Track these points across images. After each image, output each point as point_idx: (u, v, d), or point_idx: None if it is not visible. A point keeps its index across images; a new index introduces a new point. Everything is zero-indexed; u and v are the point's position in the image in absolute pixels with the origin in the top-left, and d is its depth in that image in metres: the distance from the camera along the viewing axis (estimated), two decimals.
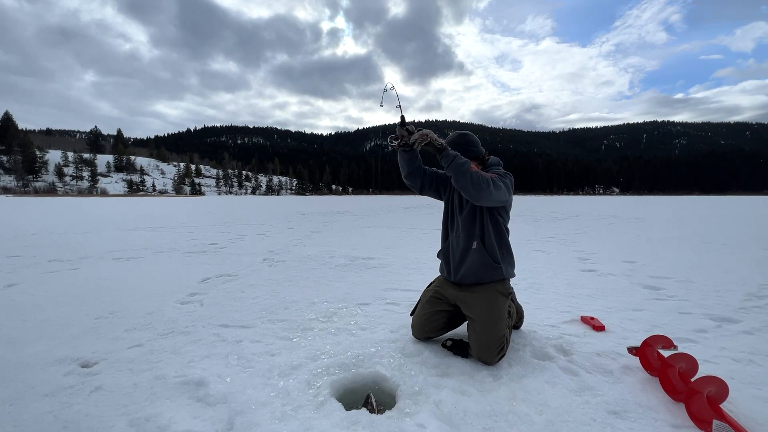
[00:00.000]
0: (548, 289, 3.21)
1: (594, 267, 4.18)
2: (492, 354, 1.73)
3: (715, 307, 2.71)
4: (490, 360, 1.73)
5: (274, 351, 1.94)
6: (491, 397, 1.50)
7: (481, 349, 1.75)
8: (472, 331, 1.83)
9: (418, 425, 1.32)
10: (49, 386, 1.61)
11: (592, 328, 2.26)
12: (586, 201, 34.12)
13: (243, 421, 1.36)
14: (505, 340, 1.80)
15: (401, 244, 6.00)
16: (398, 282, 3.48)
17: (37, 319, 2.45)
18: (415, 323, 2.07)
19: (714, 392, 1.39)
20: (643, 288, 3.28)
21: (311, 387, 1.58)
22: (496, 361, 1.75)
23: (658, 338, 1.75)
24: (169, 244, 5.88)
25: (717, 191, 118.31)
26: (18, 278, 3.58)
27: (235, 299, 2.91)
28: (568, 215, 13.39)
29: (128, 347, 2.01)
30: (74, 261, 4.45)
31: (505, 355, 1.81)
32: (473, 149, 1.99)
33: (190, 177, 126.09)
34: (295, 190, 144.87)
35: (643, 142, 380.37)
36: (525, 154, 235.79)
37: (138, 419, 1.38)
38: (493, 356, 1.73)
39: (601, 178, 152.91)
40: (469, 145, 2.00)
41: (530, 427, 1.33)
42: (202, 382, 1.63)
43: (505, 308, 1.89)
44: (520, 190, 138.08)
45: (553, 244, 6.03)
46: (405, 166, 2.02)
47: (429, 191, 2.13)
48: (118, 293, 3.07)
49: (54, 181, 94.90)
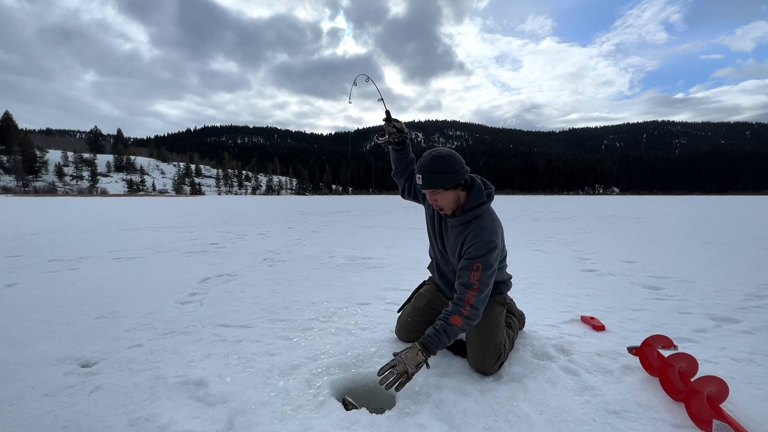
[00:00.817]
0: (548, 289, 3.21)
1: (594, 267, 4.18)
2: (489, 363, 1.67)
3: (715, 307, 2.71)
4: (488, 369, 1.67)
5: (274, 351, 1.94)
6: (491, 397, 1.50)
7: (477, 357, 1.69)
8: (468, 342, 1.77)
9: (418, 425, 1.32)
10: (49, 386, 1.61)
11: (592, 328, 2.26)
12: (586, 201, 34.11)
13: (243, 421, 1.36)
14: (503, 348, 1.73)
15: (401, 244, 6.00)
16: (398, 282, 3.48)
17: (37, 319, 2.45)
18: (402, 327, 2.00)
19: (714, 392, 1.39)
20: (643, 288, 3.28)
21: (311, 387, 1.58)
22: (494, 370, 1.68)
23: (658, 338, 1.75)
24: (169, 244, 5.88)
25: (717, 191, 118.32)
26: (18, 278, 3.58)
27: (235, 299, 2.91)
28: (568, 215, 13.39)
29: (128, 347, 2.01)
30: (74, 261, 4.45)
31: (503, 364, 1.73)
32: (449, 177, 1.58)
33: (190, 177, 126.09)
34: (295, 190, 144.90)
35: (643, 142, 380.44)
36: (525, 154, 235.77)
37: (138, 419, 1.38)
38: (490, 365, 1.67)
39: (601, 178, 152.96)
40: (445, 172, 1.57)
41: (530, 427, 1.33)
42: (202, 382, 1.63)
43: (503, 317, 1.84)
44: (521, 190, 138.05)
45: (553, 244, 6.03)
46: (392, 165, 1.92)
47: (409, 197, 2.01)
48: (118, 293, 3.07)
49: (54, 181, 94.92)
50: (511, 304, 2.07)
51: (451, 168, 1.58)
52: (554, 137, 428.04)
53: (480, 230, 1.65)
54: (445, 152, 1.62)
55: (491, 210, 1.76)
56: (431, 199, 1.69)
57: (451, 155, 1.62)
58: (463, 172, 1.62)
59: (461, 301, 1.59)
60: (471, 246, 1.64)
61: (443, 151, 1.62)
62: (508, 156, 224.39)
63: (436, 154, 1.61)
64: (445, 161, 1.58)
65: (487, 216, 1.71)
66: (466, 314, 1.56)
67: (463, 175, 1.62)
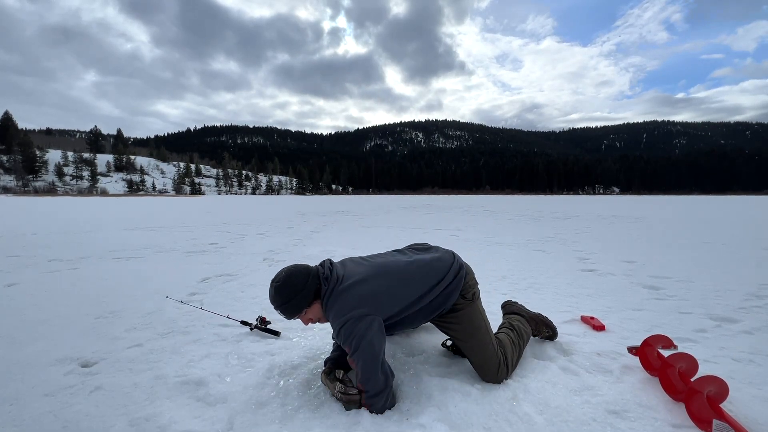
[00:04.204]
0: (548, 289, 3.21)
1: (594, 267, 4.18)
2: (489, 374, 1.60)
3: (715, 306, 2.71)
4: (490, 379, 1.60)
5: (274, 351, 1.94)
6: (491, 397, 1.50)
7: (477, 371, 1.64)
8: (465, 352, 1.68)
9: (419, 425, 1.32)
10: (49, 386, 1.61)
11: (592, 328, 2.26)
12: (586, 201, 34.11)
13: (243, 421, 1.36)
14: (502, 356, 1.63)
15: (401, 244, 5.99)
16: None
17: (37, 319, 2.45)
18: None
19: (714, 392, 1.39)
20: (643, 288, 3.28)
21: (311, 387, 1.58)
22: (499, 379, 1.60)
23: (658, 338, 1.75)
24: (169, 244, 5.88)
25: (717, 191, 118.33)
26: (18, 278, 3.58)
27: (235, 299, 2.91)
28: (568, 215, 13.39)
29: (128, 347, 2.01)
30: (74, 261, 4.45)
31: (512, 369, 1.66)
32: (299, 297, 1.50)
33: (190, 177, 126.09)
34: (294, 189, 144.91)
35: (643, 141, 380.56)
36: (525, 154, 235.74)
37: (138, 419, 1.38)
38: (492, 375, 1.60)
39: (601, 178, 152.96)
40: (292, 296, 1.49)
41: (530, 427, 1.33)
42: (202, 382, 1.63)
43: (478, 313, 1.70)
44: (521, 190, 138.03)
45: (553, 244, 6.03)
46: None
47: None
48: (118, 293, 3.07)
49: (54, 180, 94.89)
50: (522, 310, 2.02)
51: (294, 290, 1.50)
52: (554, 137, 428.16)
53: (333, 318, 1.51)
54: (283, 277, 1.52)
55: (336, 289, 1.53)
56: (305, 321, 1.60)
57: (289, 276, 1.52)
58: (310, 284, 1.51)
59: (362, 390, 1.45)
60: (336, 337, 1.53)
61: (281, 278, 1.52)
62: (508, 156, 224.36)
63: (276, 286, 1.52)
64: (285, 287, 1.50)
65: (333, 302, 1.51)
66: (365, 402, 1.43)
67: (312, 287, 1.51)
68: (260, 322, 2.21)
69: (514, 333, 1.83)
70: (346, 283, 1.54)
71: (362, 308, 1.47)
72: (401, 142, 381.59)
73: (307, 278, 1.52)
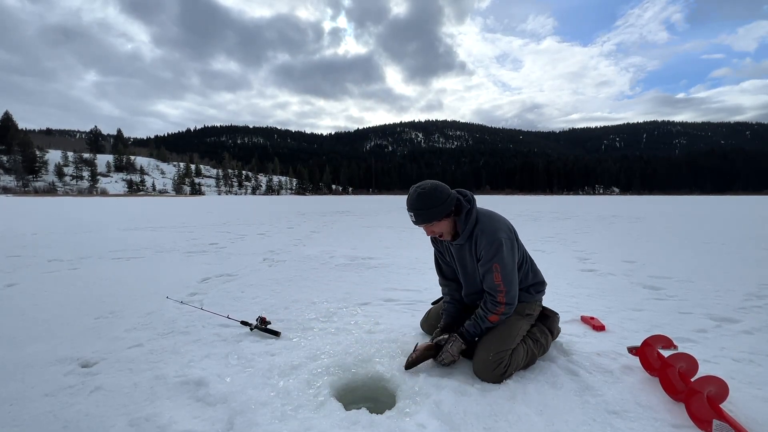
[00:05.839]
0: (548, 289, 3.18)
1: (594, 267, 4.18)
2: (487, 370, 1.61)
3: (715, 307, 2.71)
4: (485, 376, 1.61)
5: (274, 351, 1.94)
6: (491, 397, 1.50)
7: (477, 362, 1.65)
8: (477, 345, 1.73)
9: (418, 425, 1.32)
10: (49, 386, 1.61)
11: (592, 328, 2.26)
12: (586, 201, 34.11)
13: (243, 421, 1.36)
14: (510, 359, 1.64)
15: (401, 244, 6.01)
16: (398, 282, 3.48)
17: (37, 319, 2.45)
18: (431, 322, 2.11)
19: (714, 392, 1.39)
20: (643, 288, 3.28)
21: (311, 387, 1.58)
22: (493, 379, 1.60)
23: (658, 338, 1.75)
24: (169, 244, 5.88)
25: (717, 191, 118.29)
26: (18, 278, 3.58)
27: (235, 299, 2.91)
28: (568, 215, 13.39)
29: (128, 347, 2.01)
30: (74, 261, 4.45)
31: (505, 374, 1.62)
32: (438, 209, 1.65)
33: (190, 177, 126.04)
34: (295, 189, 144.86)
35: (643, 142, 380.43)
36: (525, 154, 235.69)
37: (138, 419, 1.38)
38: (488, 372, 1.61)
39: (601, 178, 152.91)
40: (434, 206, 1.64)
41: (530, 427, 1.33)
42: (202, 382, 1.63)
43: (518, 327, 1.77)
44: (521, 190, 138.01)
45: (554, 244, 6.03)
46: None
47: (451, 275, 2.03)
48: (118, 293, 3.07)
49: (54, 181, 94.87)
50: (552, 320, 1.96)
51: (437, 201, 1.64)
52: (554, 137, 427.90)
53: (482, 234, 1.71)
54: (429, 187, 1.67)
55: (484, 211, 1.79)
56: (429, 231, 1.76)
57: (435, 188, 1.66)
58: (450, 200, 1.68)
59: (495, 303, 1.70)
60: (482, 250, 1.71)
61: (427, 186, 1.67)
62: (509, 156, 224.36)
63: (421, 191, 1.66)
64: (430, 196, 1.64)
65: (484, 218, 1.75)
66: (503, 311, 1.70)
67: (451, 203, 1.68)
68: (260, 322, 2.21)
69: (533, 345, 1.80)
70: (488, 210, 1.81)
71: (511, 234, 1.74)
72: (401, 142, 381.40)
73: (449, 194, 1.69)
